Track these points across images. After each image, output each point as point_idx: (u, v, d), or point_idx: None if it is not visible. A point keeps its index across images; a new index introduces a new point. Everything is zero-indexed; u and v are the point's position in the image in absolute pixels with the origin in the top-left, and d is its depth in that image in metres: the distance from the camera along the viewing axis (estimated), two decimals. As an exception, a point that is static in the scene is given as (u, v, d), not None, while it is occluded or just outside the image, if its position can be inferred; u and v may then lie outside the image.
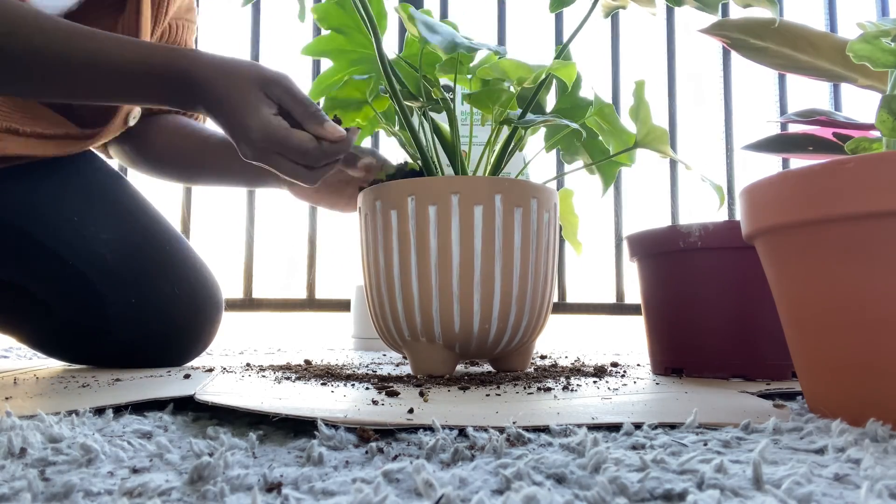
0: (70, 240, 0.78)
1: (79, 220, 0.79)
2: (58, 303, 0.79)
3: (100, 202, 0.83)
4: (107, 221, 0.81)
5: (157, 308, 0.81)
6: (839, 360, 0.41)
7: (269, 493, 0.27)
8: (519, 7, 1.71)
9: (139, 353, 0.82)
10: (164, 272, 0.83)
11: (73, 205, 0.80)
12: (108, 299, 0.79)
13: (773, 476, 0.28)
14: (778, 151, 0.59)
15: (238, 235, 1.58)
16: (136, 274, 0.80)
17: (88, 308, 0.79)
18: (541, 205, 0.70)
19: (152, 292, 0.81)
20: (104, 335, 0.80)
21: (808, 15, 1.86)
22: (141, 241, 0.83)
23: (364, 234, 0.73)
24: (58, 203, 0.80)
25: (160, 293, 0.81)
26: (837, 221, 0.39)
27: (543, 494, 0.25)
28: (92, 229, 0.80)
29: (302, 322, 1.71)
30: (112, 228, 0.81)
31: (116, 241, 0.80)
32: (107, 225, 0.81)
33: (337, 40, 0.78)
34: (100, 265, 0.79)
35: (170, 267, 0.83)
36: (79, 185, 0.83)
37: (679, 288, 0.74)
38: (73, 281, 0.78)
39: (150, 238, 0.84)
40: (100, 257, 0.79)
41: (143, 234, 0.83)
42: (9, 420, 0.37)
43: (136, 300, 0.80)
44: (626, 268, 1.71)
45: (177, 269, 0.84)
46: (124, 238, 0.81)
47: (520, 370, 0.76)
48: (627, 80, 1.73)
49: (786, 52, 0.56)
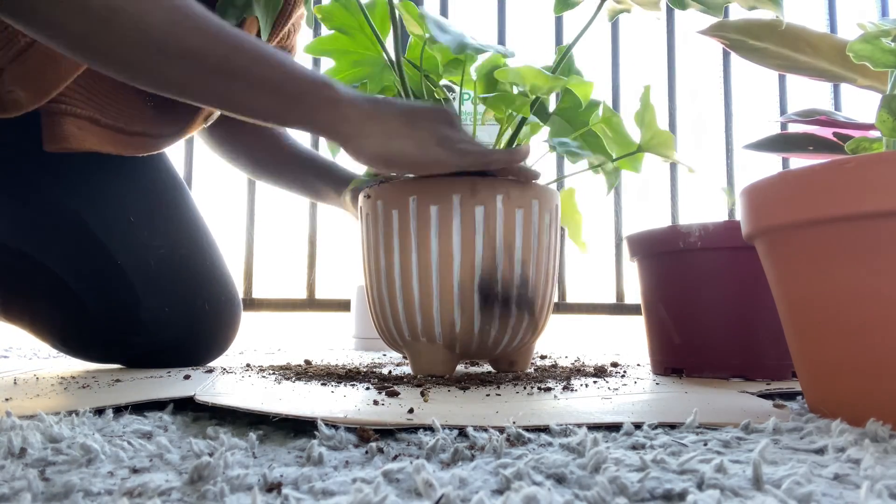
0: (122, 239, 0.79)
1: (135, 221, 0.80)
2: (93, 299, 0.78)
3: (158, 207, 0.84)
4: (159, 229, 0.82)
5: (186, 321, 0.82)
6: (839, 360, 0.41)
7: (269, 493, 0.27)
8: (519, 7, 1.71)
9: (159, 358, 0.83)
10: (199, 288, 0.84)
11: (133, 205, 0.81)
12: (143, 305, 0.79)
13: (773, 476, 0.28)
14: (778, 151, 0.59)
15: (238, 235, 1.58)
16: (174, 285, 0.81)
17: (123, 310, 0.79)
18: (542, 206, 0.70)
19: (185, 305, 0.82)
20: (132, 337, 0.80)
21: (808, 15, 1.87)
22: (186, 254, 0.84)
23: (365, 235, 0.73)
24: (120, 200, 0.80)
25: (192, 307, 0.83)
26: (837, 221, 0.39)
27: (543, 494, 0.25)
28: (145, 234, 0.80)
29: (302, 322, 1.71)
30: (163, 236, 0.82)
31: (164, 250, 0.81)
32: (159, 232, 0.82)
33: (340, 40, 0.78)
34: (144, 270, 0.79)
35: (205, 283, 0.85)
36: (142, 185, 0.84)
37: (679, 288, 0.74)
38: (116, 280, 0.78)
39: (195, 251, 0.85)
40: (145, 263, 0.79)
41: (190, 248, 0.85)
42: (9, 420, 0.37)
43: (168, 309, 0.81)
44: (626, 268, 1.71)
45: (211, 286, 0.85)
46: (172, 248, 0.82)
47: (520, 370, 0.76)
48: (627, 80, 1.73)
49: (785, 53, 0.56)
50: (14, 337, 1.46)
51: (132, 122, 0.78)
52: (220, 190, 1.60)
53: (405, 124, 0.62)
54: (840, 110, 1.74)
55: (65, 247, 0.78)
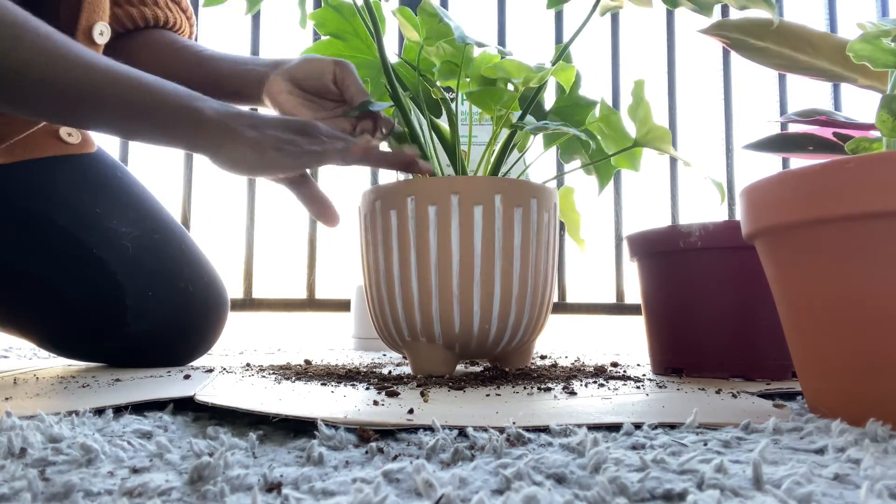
0: (93, 228, 0.79)
1: (101, 211, 0.81)
2: (77, 292, 0.79)
3: (117, 196, 0.84)
4: (126, 215, 0.83)
5: (172, 303, 0.83)
6: (839, 360, 0.41)
7: (269, 493, 0.27)
8: (519, 6, 1.71)
9: (148, 350, 0.83)
10: (179, 269, 0.84)
11: (93, 196, 0.82)
12: (127, 290, 0.80)
13: (773, 476, 0.28)
14: (778, 151, 0.59)
15: (238, 235, 1.58)
16: (154, 267, 0.82)
17: (107, 298, 0.80)
18: (541, 205, 0.70)
19: (169, 287, 0.83)
20: (120, 327, 0.81)
21: (809, 15, 1.87)
22: (160, 238, 0.84)
23: (364, 235, 0.73)
24: (79, 193, 0.81)
25: (176, 289, 0.83)
26: (837, 221, 0.39)
27: (543, 494, 0.25)
28: (114, 221, 0.81)
29: (302, 322, 1.71)
30: (131, 222, 0.83)
31: (136, 234, 0.82)
32: (126, 218, 0.82)
33: (335, 46, 0.79)
34: (121, 255, 0.80)
35: (185, 264, 0.85)
36: (94, 180, 0.84)
37: (679, 288, 0.74)
38: (95, 269, 0.79)
39: (168, 235, 0.86)
40: (122, 247, 0.80)
41: (161, 231, 0.85)
42: (9, 420, 0.37)
43: (153, 293, 0.81)
44: (626, 268, 1.71)
45: (191, 268, 0.86)
46: (143, 232, 0.83)
47: (520, 370, 0.76)
48: (628, 80, 1.73)
49: (785, 53, 0.56)
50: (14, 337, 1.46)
51: None
52: (220, 190, 1.60)
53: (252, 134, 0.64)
54: (840, 110, 1.74)
55: (41, 247, 0.78)
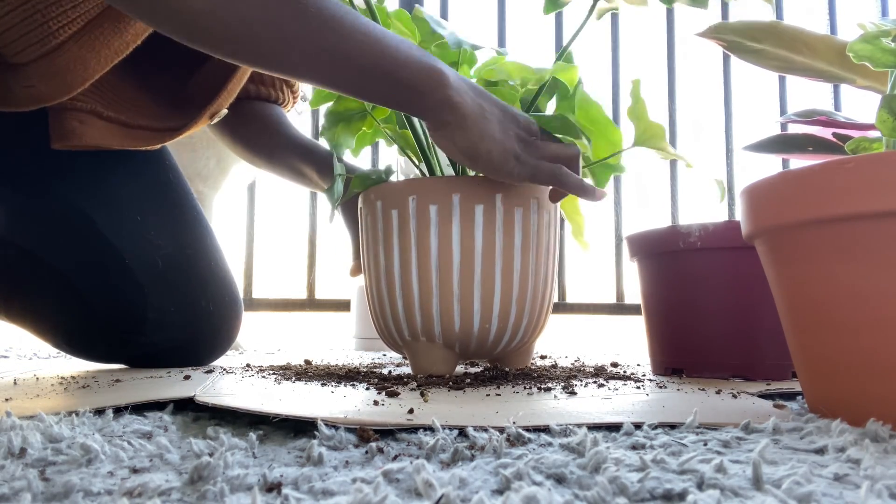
0: (129, 237, 0.79)
1: (141, 220, 0.80)
2: (100, 298, 0.78)
3: (163, 205, 0.84)
4: (165, 228, 0.82)
5: (190, 320, 0.82)
6: (839, 360, 0.41)
7: (269, 493, 0.27)
8: (519, 7, 1.71)
9: (161, 358, 0.83)
10: (204, 287, 0.84)
11: (139, 203, 0.81)
12: (150, 304, 0.79)
13: (773, 476, 0.28)
14: (778, 152, 0.59)
15: (238, 235, 1.58)
16: (180, 285, 0.82)
17: (130, 310, 0.79)
18: (541, 205, 0.70)
19: (190, 305, 0.82)
20: (136, 337, 0.80)
21: (809, 15, 1.87)
22: (192, 254, 0.84)
23: (364, 234, 0.73)
24: (126, 198, 0.81)
25: (196, 307, 0.83)
26: (837, 221, 0.39)
27: (543, 494, 0.25)
28: (152, 233, 0.80)
29: (302, 322, 1.71)
30: (169, 236, 0.82)
31: (170, 249, 0.81)
32: (165, 231, 0.82)
33: None
34: (151, 269, 0.79)
35: (210, 283, 0.85)
36: (147, 183, 0.84)
37: (679, 288, 0.74)
38: (122, 278, 0.78)
39: (200, 252, 0.85)
40: (153, 262, 0.79)
41: (195, 247, 0.85)
42: (9, 420, 0.37)
43: (174, 309, 0.81)
44: (626, 268, 1.71)
45: (215, 286, 0.85)
46: (178, 248, 0.82)
47: (520, 370, 0.76)
48: (627, 81, 1.73)
49: (782, 54, 0.56)
50: (14, 337, 1.46)
51: (136, 115, 0.78)
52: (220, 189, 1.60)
53: (500, 130, 0.61)
54: (840, 110, 1.74)
55: (71, 245, 0.77)
